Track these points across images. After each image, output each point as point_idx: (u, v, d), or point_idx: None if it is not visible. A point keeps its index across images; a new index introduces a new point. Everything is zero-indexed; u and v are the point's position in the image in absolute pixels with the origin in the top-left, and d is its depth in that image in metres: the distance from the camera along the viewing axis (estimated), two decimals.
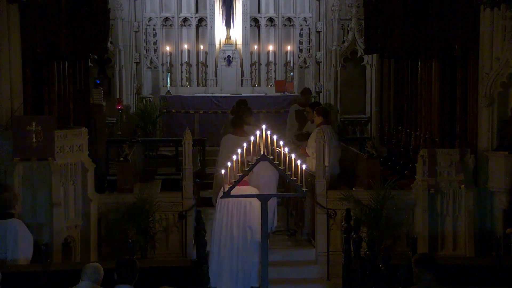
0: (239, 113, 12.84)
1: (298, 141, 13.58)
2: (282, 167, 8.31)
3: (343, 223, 10.67)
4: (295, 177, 8.30)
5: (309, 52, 19.55)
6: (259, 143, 8.09)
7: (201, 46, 19.37)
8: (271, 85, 19.27)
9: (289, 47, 19.41)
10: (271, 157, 8.22)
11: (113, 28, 17.70)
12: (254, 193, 10.33)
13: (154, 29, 19.33)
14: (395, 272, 8.30)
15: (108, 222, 11.00)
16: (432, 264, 6.99)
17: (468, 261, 9.91)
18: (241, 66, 19.25)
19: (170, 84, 19.01)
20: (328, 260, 11.21)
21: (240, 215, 10.56)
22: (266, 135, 8.19)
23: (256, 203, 10.32)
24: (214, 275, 10.36)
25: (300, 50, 19.59)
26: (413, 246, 9.31)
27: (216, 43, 19.14)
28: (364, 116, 19.01)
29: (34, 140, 10.14)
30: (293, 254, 11.70)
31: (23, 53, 10.99)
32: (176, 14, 19.35)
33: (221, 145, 12.25)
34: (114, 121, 18.05)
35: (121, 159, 11.86)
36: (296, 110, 14.98)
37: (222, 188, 8.84)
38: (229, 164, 8.21)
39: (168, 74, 19.02)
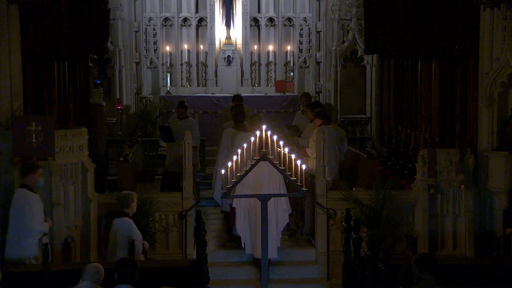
0: (239, 108, 13.19)
1: (290, 130, 13.76)
2: (282, 167, 8.32)
3: (343, 223, 10.67)
4: (295, 177, 8.31)
5: (309, 52, 19.54)
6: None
7: (201, 46, 19.37)
8: (271, 85, 19.27)
9: (289, 47, 19.41)
10: (271, 157, 8.24)
11: (113, 28, 17.68)
12: None
13: (154, 29, 19.33)
14: (395, 272, 8.30)
15: (108, 222, 10.99)
16: (432, 264, 7.00)
17: (468, 261, 9.92)
18: (241, 66, 19.25)
19: (170, 84, 19.00)
20: (328, 260, 11.21)
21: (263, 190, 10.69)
22: (266, 135, 8.21)
23: (272, 171, 10.35)
24: (247, 243, 11.13)
25: (300, 50, 19.58)
26: (413, 246, 9.31)
27: (216, 43, 19.15)
28: (364, 116, 19.00)
29: (34, 140, 10.13)
30: (293, 254, 11.70)
31: (23, 53, 10.98)
32: (176, 14, 19.35)
33: (223, 139, 12.44)
34: (114, 121, 18.05)
35: (121, 159, 11.87)
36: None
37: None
38: (229, 164, 8.22)
39: (168, 74, 19.02)
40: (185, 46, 19.33)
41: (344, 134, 13.35)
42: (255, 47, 19.49)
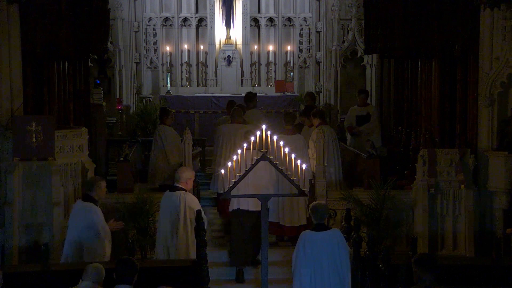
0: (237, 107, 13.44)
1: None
2: (282, 167, 8.31)
3: (343, 223, 10.67)
4: (295, 177, 8.30)
5: (309, 52, 19.52)
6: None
7: (201, 46, 19.36)
8: (271, 85, 19.25)
9: (289, 47, 19.39)
10: (272, 157, 8.23)
11: (113, 28, 17.67)
12: None
13: (154, 29, 19.32)
14: (395, 272, 8.30)
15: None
16: (432, 264, 6.99)
17: (468, 261, 9.92)
18: (241, 66, 19.24)
19: (170, 84, 18.99)
20: None
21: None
22: (266, 135, 8.20)
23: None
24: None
25: (300, 50, 19.57)
26: (413, 246, 9.31)
27: (216, 43, 19.13)
28: None
29: (34, 140, 10.14)
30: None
31: (23, 53, 10.99)
32: (176, 14, 19.35)
33: (220, 133, 12.51)
34: (114, 121, 18.04)
35: (121, 159, 11.87)
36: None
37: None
38: (229, 164, 8.22)
39: (168, 74, 19.00)
40: (185, 46, 19.32)
41: None
42: (255, 47, 19.47)
